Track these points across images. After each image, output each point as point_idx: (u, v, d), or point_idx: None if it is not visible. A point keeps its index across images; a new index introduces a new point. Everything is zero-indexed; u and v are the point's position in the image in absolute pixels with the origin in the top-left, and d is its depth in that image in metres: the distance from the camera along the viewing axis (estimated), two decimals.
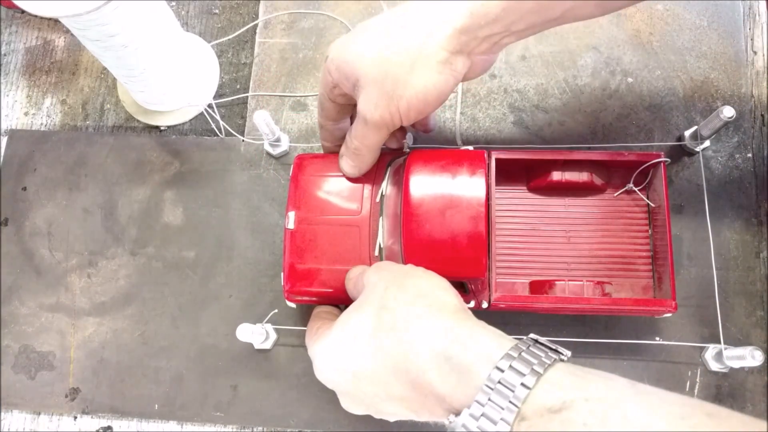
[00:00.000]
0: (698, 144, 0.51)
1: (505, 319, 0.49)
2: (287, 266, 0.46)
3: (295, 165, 0.48)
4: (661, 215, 0.46)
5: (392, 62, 0.39)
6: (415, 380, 0.33)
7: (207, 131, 0.57)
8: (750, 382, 0.47)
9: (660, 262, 0.46)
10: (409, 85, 0.39)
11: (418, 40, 0.38)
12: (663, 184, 0.46)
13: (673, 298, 0.44)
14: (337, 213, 0.46)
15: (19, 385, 0.52)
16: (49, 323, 0.53)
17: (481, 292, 0.43)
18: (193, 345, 0.51)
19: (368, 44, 0.40)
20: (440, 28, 0.38)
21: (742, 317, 0.48)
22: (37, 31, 0.62)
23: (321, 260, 0.46)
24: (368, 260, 0.45)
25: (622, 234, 0.49)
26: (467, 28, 0.38)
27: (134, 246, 0.54)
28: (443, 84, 0.39)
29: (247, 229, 0.53)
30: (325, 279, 0.45)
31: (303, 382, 0.50)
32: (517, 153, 0.48)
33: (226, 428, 0.50)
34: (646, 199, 0.49)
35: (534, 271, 0.48)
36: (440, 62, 0.39)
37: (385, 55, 0.39)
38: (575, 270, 0.48)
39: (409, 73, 0.39)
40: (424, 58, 0.38)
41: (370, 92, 0.40)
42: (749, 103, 0.54)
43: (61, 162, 0.57)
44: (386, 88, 0.39)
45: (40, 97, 0.61)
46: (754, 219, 0.51)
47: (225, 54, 0.59)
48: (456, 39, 0.38)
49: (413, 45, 0.38)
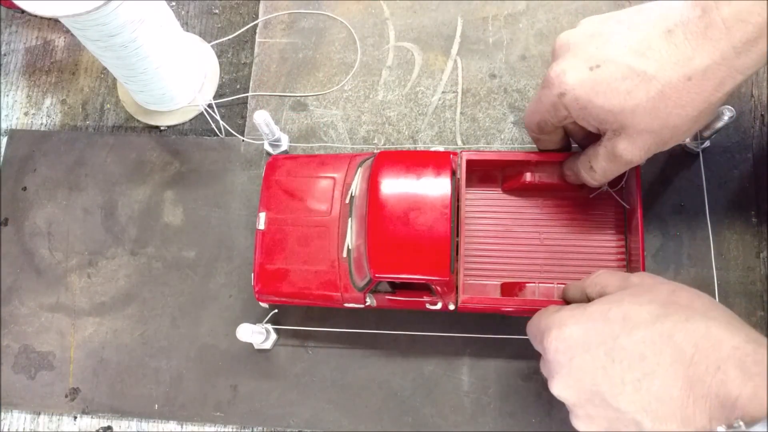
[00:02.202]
0: (698, 144, 0.51)
1: (505, 319, 0.49)
2: (257, 266, 0.47)
3: (268, 166, 0.49)
4: (635, 217, 0.46)
5: (674, 115, 0.35)
6: (701, 376, 0.30)
7: (207, 131, 0.57)
8: None
9: (634, 265, 0.46)
10: (689, 130, 0.36)
11: (691, 76, 0.33)
12: (636, 185, 0.46)
13: None
14: (306, 214, 0.47)
15: (19, 385, 0.52)
16: (49, 323, 0.53)
17: (448, 294, 0.43)
18: (193, 345, 0.51)
19: (633, 88, 0.35)
20: (705, 56, 0.33)
21: (742, 317, 0.48)
22: (37, 31, 0.62)
23: (290, 260, 0.46)
24: (336, 261, 0.45)
25: (596, 236, 0.48)
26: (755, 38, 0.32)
27: (134, 246, 0.54)
28: (714, 109, 0.36)
29: (247, 229, 0.53)
30: (294, 279, 0.46)
31: (303, 382, 0.50)
32: (489, 154, 0.48)
33: (226, 428, 0.50)
34: (620, 200, 0.48)
35: (506, 272, 0.48)
36: (715, 95, 0.34)
37: (659, 103, 0.34)
38: (548, 272, 0.48)
39: (695, 121, 0.35)
40: (699, 97, 0.34)
41: (642, 141, 0.37)
42: (749, 103, 0.54)
43: (61, 162, 0.57)
44: (663, 138, 0.36)
45: (40, 97, 0.61)
46: (754, 219, 0.51)
47: (225, 54, 0.59)
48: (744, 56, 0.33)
49: (689, 85, 0.34)
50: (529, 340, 0.48)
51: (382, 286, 0.44)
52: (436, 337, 0.49)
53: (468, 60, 0.56)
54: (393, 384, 0.49)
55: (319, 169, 0.48)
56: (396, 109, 0.56)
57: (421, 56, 0.57)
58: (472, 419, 0.48)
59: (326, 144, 0.55)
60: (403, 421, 0.48)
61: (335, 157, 0.49)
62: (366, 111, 0.56)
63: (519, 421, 0.47)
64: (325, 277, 0.45)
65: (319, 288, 0.45)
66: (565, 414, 0.46)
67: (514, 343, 0.49)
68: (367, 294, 0.44)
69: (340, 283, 0.45)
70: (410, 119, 0.55)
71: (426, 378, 0.49)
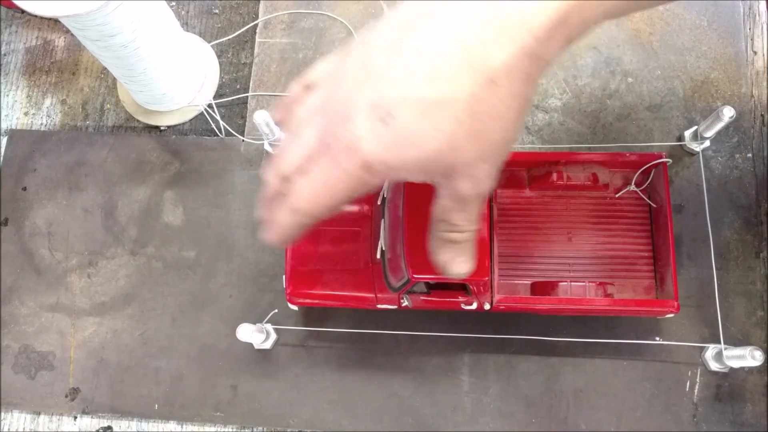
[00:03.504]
0: (698, 144, 0.51)
1: (505, 319, 0.49)
2: (289, 269, 0.46)
3: None
4: (663, 216, 0.46)
5: (496, 127, 0.29)
6: None
7: (207, 131, 0.57)
8: (750, 382, 0.47)
9: (662, 263, 0.47)
10: (519, 131, 0.33)
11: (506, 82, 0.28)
12: (664, 184, 0.46)
13: (675, 298, 0.44)
14: (338, 216, 0.46)
15: (19, 385, 0.52)
16: (49, 323, 0.53)
17: (483, 293, 0.43)
18: (193, 345, 0.51)
19: (439, 122, 0.28)
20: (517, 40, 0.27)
21: (742, 317, 0.48)
22: (37, 31, 0.62)
23: (323, 263, 0.46)
24: (369, 263, 0.45)
25: (623, 234, 0.49)
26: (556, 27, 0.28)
27: (134, 246, 0.54)
28: None
29: (247, 229, 0.53)
30: (327, 281, 0.46)
31: (303, 382, 0.50)
32: (519, 155, 0.48)
33: (226, 428, 0.50)
34: (647, 199, 0.49)
35: (535, 272, 0.48)
36: (533, 88, 0.30)
37: (480, 125, 0.28)
38: (577, 271, 0.48)
39: (519, 121, 0.30)
40: (526, 96, 0.29)
41: (480, 169, 0.30)
42: (749, 103, 0.54)
43: (61, 162, 0.57)
44: (498, 152, 0.31)
45: (40, 97, 0.61)
46: (754, 219, 0.51)
47: (225, 54, 0.59)
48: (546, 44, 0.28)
49: (509, 90, 0.28)
50: (529, 339, 0.48)
51: (418, 287, 0.44)
52: (436, 337, 0.49)
53: None
54: (393, 384, 0.49)
55: None
56: None
57: None
58: (472, 419, 0.48)
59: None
60: (403, 421, 0.48)
61: None
62: None
63: (519, 421, 0.47)
64: (359, 279, 0.46)
65: (352, 289, 0.45)
66: (566, 414, 0.47)
67: (514, 343, 0.49)
68: (403, 295, 0.44)
69: (374, 284, 0.45)
70: None
71: (426, 378, 0.49)
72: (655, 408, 0.47)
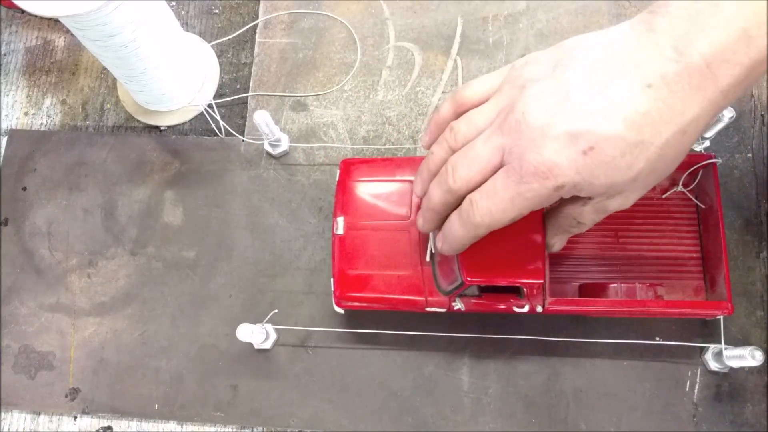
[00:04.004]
0: (698, 144, 0.51)
1: (506, 318, 0.49)
2: (337, 272, 0.46)
3: (342, 170, 0.48)
4: (714, 216, 0.46)
5: (670, 167, 0.34)
6: None
7: (207, 131, 0.57)
8: (750, 382, 0.47)
9: (711, 264, 0.46)
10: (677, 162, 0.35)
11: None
12: (714, 184, 0.46)
13: (728, 299, 0.44)
14: (386, 218, 0.46)
15: (19, 385, 0.52)
16: (49, 323, 0.53)
17: (536, 296, 0.43)
18: (193, 345, 0.51)
19: (633, 161, 0.32)
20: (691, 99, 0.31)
21: (742, 317, 0.48)
22: (37, 31, 0.62)
23: (371, 266, 0.46)
24: (419, 266, 0.45)
25: (671, 235, 0.48)
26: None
27: (134, 246, 0.54)
28: None
29: (247, 229, 0.53)
30: (376, 284, 0.45)
31: (303, 382, 0.50)
32: None
33: (226, 428, 0.50)
34: (695, 200, 0.48)
35: (583, 274, 0.48)
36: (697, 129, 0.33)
37: (661, 165, 0.33)
38: (625, 272, 0.48)
39: (681, 160, 0.34)
40: (696, 139, 0.33)
41: (635, 195, 0.35)
42: (749, 103, 0.54)
43: (61, 162, 0.57)
44: (653, 184, 0.35)
45: (40, 97, 0.61)
46: (754, 219, 0.51)
47: (225, 54, 0.60)
48: None
49: (693, 138, 0.32)
50: (529, 339, 0.48)
51: (470, 290, 0.43)
52: (436, 337, 0.49)
53: (468, 60, 0.56)
54: (393, 384, 0.49)
55: (395, 172, 0.47)
56: (396, 109, 0.56)
57: (421, 56, 0.57)
58: (472, 419, 0.48)
59: (326, 144, 0.55)
60: (403, 421, 0.48)
61: (410, 160, 0.48)
62: (366, 111, 0.56)
63: (519, 421, 0.47)
64: (409, 282, 0.45)
65: (402, 292, 0.45)
66: (566, 414, 0.46)
67: (514, 343, 0.49)
68: (455, 298, 0.44)
69: (424, 287, 0.45)
70: (410, 119, 0.55)
71: (426, 378, 0.49)
72: (655, 408, 0.47)
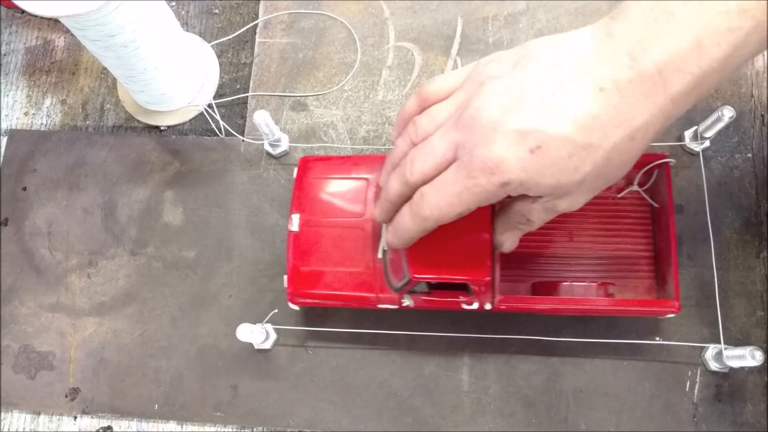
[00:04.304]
0: (698, 144, 0.51)
1: (506, 319, 0.49)
2: (290, 269, 0.46)
3: (300, 167, 0.48)
4: (665, 216, 0.46)
5: (617, 172, 0.35)
6: None
7: (207, 131, 0.57)
8: (750, 382, 0.47)
9: (663, 263, 0.46)
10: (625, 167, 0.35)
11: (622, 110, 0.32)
12: (667, 184, 0.46)
13: (676, 298, 0.44)
14: (340, 215, 0.47)
15: (19, 385, 0.52)
16: (49, 323, 0.53)
17: (485, 294, 0.43)
18: (193, 345, 0.51)
19: (580, 163, 0.33)
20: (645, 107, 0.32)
21: (742, 317, 0.48)
22: (37, 31, 0.62)
23: (324, 262, 0.46)
24: (371, 263, 0.45)
25: (625, 234, 0.49)
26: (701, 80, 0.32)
27: (134, 246, 0.54)
28: None
29: (247, 229, 0.53)
30: (329, 281, 0.46)
31: (303, 382, 0.50)
32: None
33: (226, 428, 0.50)
34: (649, 199, 0.49)
35: (537, 272, 0.48)
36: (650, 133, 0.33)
37: (608, 169, 0.34)
38: (578, 271, 0.48)
39: (630, 167, 0.35)
40: (646, 148, 0.34)
41: (584, 198, 0.36)
42: (749, 103, 0.54)
43: (61, 162, 0.57)
44: (601, 188, 0.36)
45: (40, 97, 0.61)
46: (754, 219, 0.51)
47: (225, 54, 0.60)
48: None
49: (641, 145, 0.33)
50: (529, 340, 0.48)
51: (419, 287, 0.44)
52: (436, 337, 0.49)
53: (468, 60, 0.56)
54: (393, 384, 0.49)
55: (352, 170, 0.48)
56: (396, 109, 0.56)
57: (421, 56, 0.57)
58: (472, 419, 0.48)
59: (326, 144, 0.55)
60: (403, 421, 0.48)
61: (368, 158, 0.49)
62: (366, 111, 0.56)
63: (519, 420, 0.47)
64: (360, 279, 0.45)
65: (354, 289, 0.45)
66: (566, 414, 0.46)
67: (514, 343, 0.49)
68: (404, 295, 0.44)
69: (376, 284, 0.45)
70: None
71: (426, 378, 0.49)
72: (655, 408, 0.47)
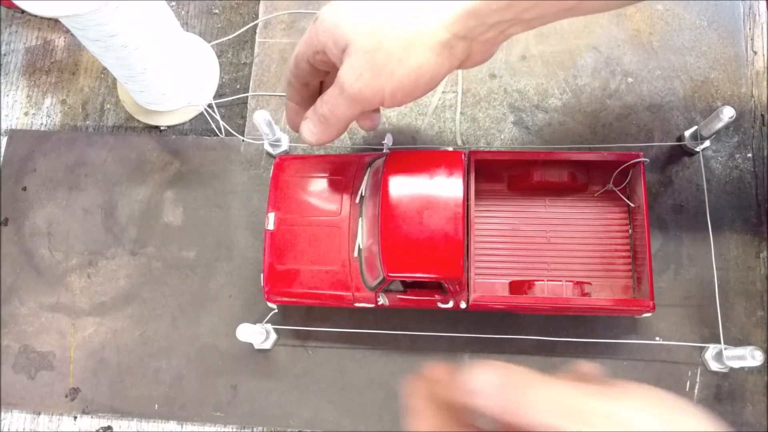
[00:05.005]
0: (698, 144, 0.51)
1: (506, 319, 0.49)
2: (267, 267, 0.46)
3: (276, 166, 0.49)
4: (640, 215, 0.46)
5: (388, 34, 0.36)
6: None
7: (207, 131, 0.57)
8: (750, 382, 0.47)
9: (639, 263, 0.47)
10: (403, 63, 0.36)
11: (421, 15, 0.36)
12: (642, 184, 0.46)
13: (651, 298, 0.44)
14: (316, 214, 0.47)
15: (19, 385, 0.52)
16: (49, 323, 0.53)
17: (459, 292, 0.44)
18: (193, 345, 0.51)
19: (365, 11, 0.37)
20: (447, 7, 0.35)
21: (742, 317, 0.48)
22: (37, 31, 0.62)
23: (300, 261, 0.46)
24: (347, 261, 0.45)
25: (602, 234, 0.49)
26: (477, 11, 0.35)
27: (134, 246, 0.54)
28: (439, 67, 0.37)
29: (247, 229, 0.53)
30: (305, 279, 0.46)
31: (303, 382, 0.50)
32: (497, 154, 0.48)
33: (226, 428, 0.50)
34: (625, 199, 0.49)
35: (514, 271, 0.48)
36: (441, 43, 0.36)
37: (382, 25, 0.36)
38: (555, 270, 0.48)
39: (405, 49, 0.36)
40: (424, 35, 0.36)
41: (357, 61, 0.37)
42: (749, 103, 0.54)
43: (61, 162, 0.57)
44: (376, 61, 0.37)
45: (40, 97, 0.61)
46: (754, 219, 0.51)
47: (225, 54, 0.59)
48: (463, 22, 0.36)
49: (414, 20, 0.36)
50: (529, 340, 0.48)
51: (394, 286, 0.44)
52: (436, 337, 0.49)
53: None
54: (393, 384, 0.49)
55: (327, 169, 0.48)
56: (396, 109, 0.56)
57: None
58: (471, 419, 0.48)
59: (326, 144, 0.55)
60: (403, 421, 0.48)
61: (344, 157, 0.49)
62: None
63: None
64: (336, 277, 0.46)
65: (330, 288, 0.46)
66: None
67: (514, 343, 0.49)
68: (380, 293, 0.44)
69: (351, 282, 0.45)
70: (410, 119, 0.55)
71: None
72: None
